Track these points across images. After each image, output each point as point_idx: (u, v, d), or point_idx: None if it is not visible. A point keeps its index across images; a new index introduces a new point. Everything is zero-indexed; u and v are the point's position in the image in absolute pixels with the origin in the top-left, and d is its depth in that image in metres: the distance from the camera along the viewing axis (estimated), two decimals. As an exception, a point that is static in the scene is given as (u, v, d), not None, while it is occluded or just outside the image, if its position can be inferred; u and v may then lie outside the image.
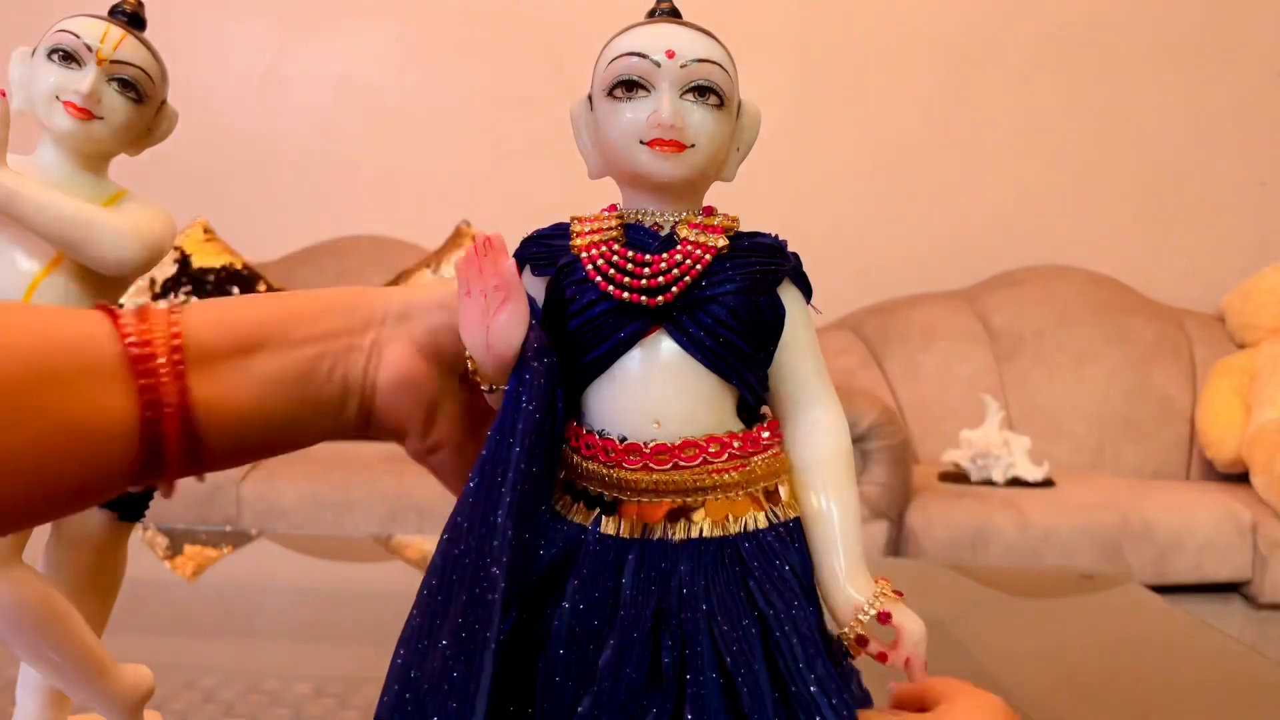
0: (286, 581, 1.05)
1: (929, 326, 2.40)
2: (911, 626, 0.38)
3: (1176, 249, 2.58)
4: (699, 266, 0.38)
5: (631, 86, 0.38)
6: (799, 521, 0.40)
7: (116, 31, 0.49)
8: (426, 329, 0.42)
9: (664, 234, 0.39)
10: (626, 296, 0.38)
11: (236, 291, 2.23)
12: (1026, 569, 1.66)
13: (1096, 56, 2.57)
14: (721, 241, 0.39)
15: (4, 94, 0.48)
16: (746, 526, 0.39)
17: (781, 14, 2.53)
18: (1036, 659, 0.82)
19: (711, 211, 0.40)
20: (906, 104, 2.58)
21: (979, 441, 2.04)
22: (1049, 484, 2.02)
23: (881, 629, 0.38)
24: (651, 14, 0.40)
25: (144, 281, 2.19)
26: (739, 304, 0.38)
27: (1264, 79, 2.57)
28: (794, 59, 2.53)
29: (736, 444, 0.39)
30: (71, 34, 0.48)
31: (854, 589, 0.38)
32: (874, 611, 0.38)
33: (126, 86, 0.49)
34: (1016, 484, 2.01)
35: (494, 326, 0.37)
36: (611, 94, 0.38)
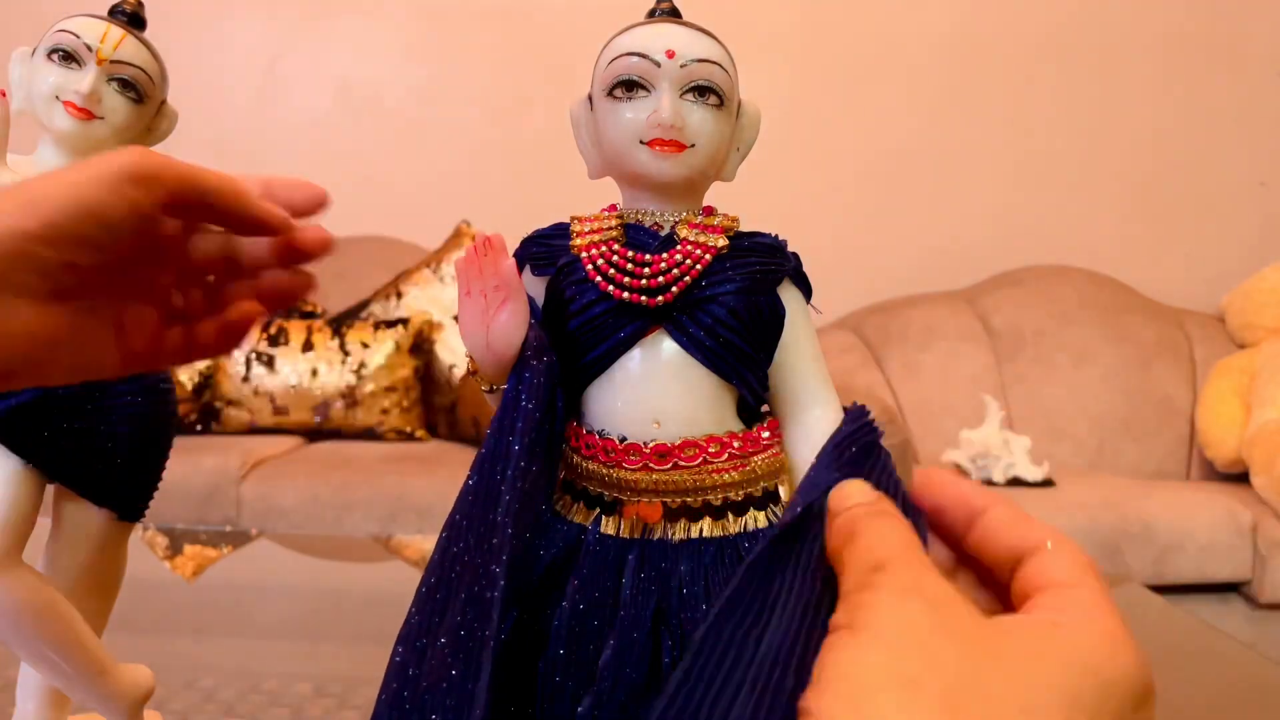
0: (286, 581, 1.05)
1: (929, 326, 2.40)
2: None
3: (1176, 249, 2.58)
4: (699, 266, 0.38)
5: (631, 86, 0.38)
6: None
7: (116, 31, 0.49)
8: (28, 262, 0.33)
9: (664, 234, 0.39)
10: (626, 296, 0.38)
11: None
12: (1026, 569, 1.65)
13: (1096, 56, 2.57)
14: (721, 241, 0.39)
15: (4, 94, 0.48)
16: (746, 526, 0.39)
17: (781, 13, 2.53)
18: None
19: (711, 211, 0.40)
20: (907, 103, 2.58)
21: (979, 441, 2.04)
22: (1049, 484, 2.02)
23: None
24: (651, 14, 0.40)
25: (144, 281, 2.19)
26: (739, 304, 0.38)
27: (1264, 79, 2.57)
28: (794, 58, 2.53)
29: (736, 444, 0.39)
30: (71, 34, 0.48)
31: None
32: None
33: (126, 86, 0.49)
34: (1016, 484, 2.01)
35: (494, 326, 0.37)
36: (611, 94, 0.38)
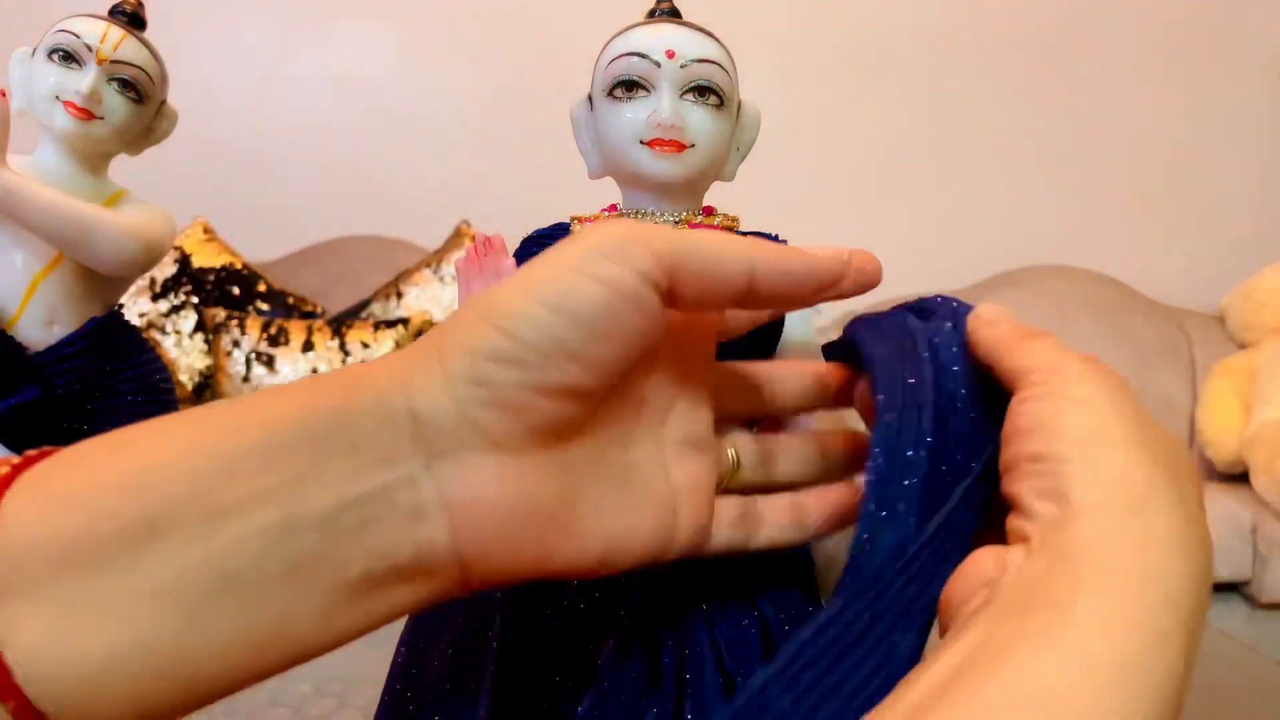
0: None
1: (929, 326, 2.40)
2: None
3: (1176, 249, 2.58)
4: (699, 266, 0.38)
5: (631, 86, 0.38)
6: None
7: (116, 32, 0.49)
8: (503, 403, 0.24)
9: (664, 234, 0.39)
10: (626, 296, 0.38)
11: (236, 291, 2.23)
12: (1026, 569, 1.66)
13: (1097, 56, 2.57)
14: (721, 241, 0.39)
15: (4, 94, 0.48)
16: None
17: (781, 13, 2.53)
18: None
19: (711, 211, 0.40)
20: (907, 103, 2.58)
21: (979, 441, 2.04)
22: (1049, 484, 2.02)
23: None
24: (651, 14, 0.40)
25: (144, 281, 2.19)
26: (739, 304, 0.38)
27: (1264, 79, 2.57)
28: (794, 58, 2.53)
29: (736, 444, 0.39)
30: (72, 34, 0.48)
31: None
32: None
33: (126, 86, 0.49)
34: (1016, 484, 2.01)
35: (494, 326, 0.37)
36: (611, 94, 0.38)
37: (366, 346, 2.13)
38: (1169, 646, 0.20)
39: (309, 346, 2.12)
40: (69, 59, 0.48)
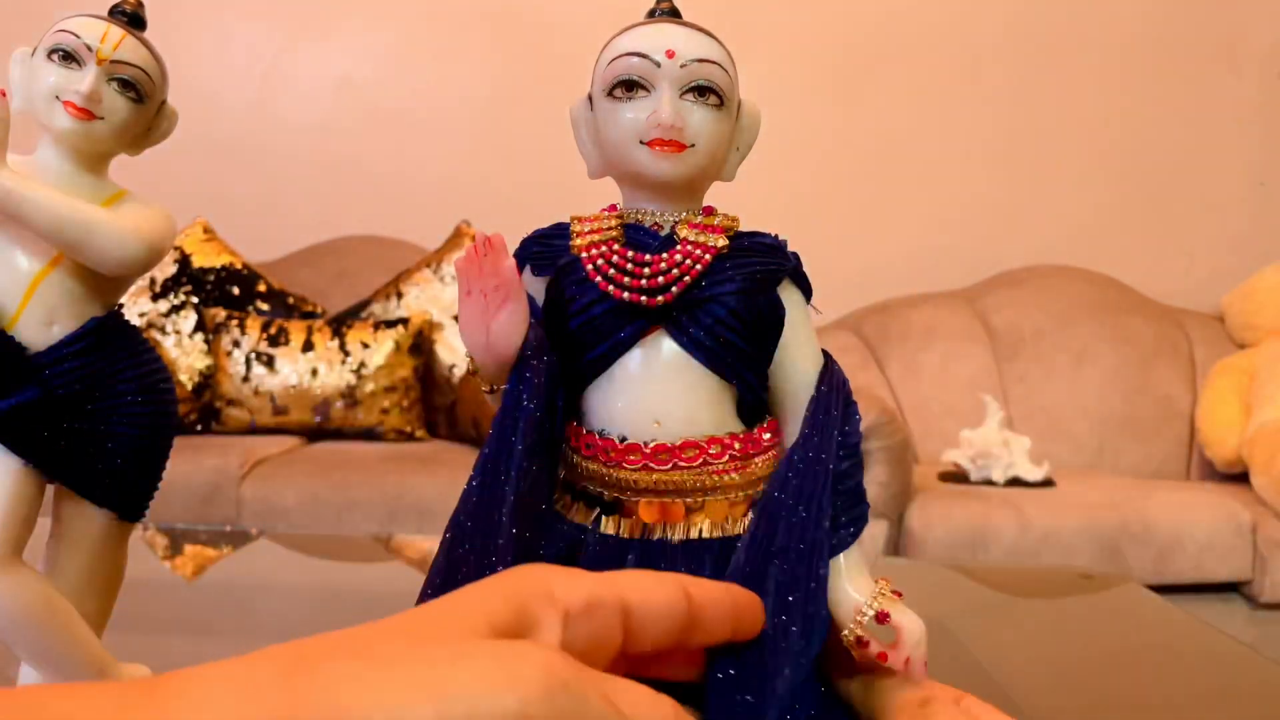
0: (286, 581, 1.05)
1: (929, 326, 2.40)
2: (911, 626, 0.38)
3: (1176, 249, 2.58)
4: (699, 266, 0.38)
5: (631, 86, 0.38)
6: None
7: (116, 31, 0.49)
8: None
9: (664, 234, 0.39)
10: (626, 296, 0.38)
11: (236, 291, 2.23)
12: (1026, 569, 1.66)
13: (1096, 56, 2.57)
14: (721, 241, 0.39)
15: (4, 94, 0.48)
16: (746, 528, 0.39)
17: (781, 14, 2.53)
18: (1036, 659, 0.82)
19: (711, 211, 0.40)
20: (906, 103, 2.58)
21: (979, 441, 2.04)
22: (1049, 484, 2.02)
23: (882, 629, 0.38)
24: (651, 14, 0.40)
25: (144, 281, 2.19)
26: (739, 304, 0.38)
27: (1263, 79, 2.57)
28: (794, 58, 2.53)
29: (737, 445, 0.39)
30: (71, 34, 0.48)
31: (854, 589, 0.38)
32: (872, 612, 0.38)
33: (126, 86, 0.49)
34: (1016, 484, 2.01)
35: (494, 326, 0.37)
36: (611, 94, 0.38)
37: (366, 346, 2.13)
38: None
39: (309, 346, 2.12)
40: (69, 59, 0.48)
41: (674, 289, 0.38)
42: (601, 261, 0.38)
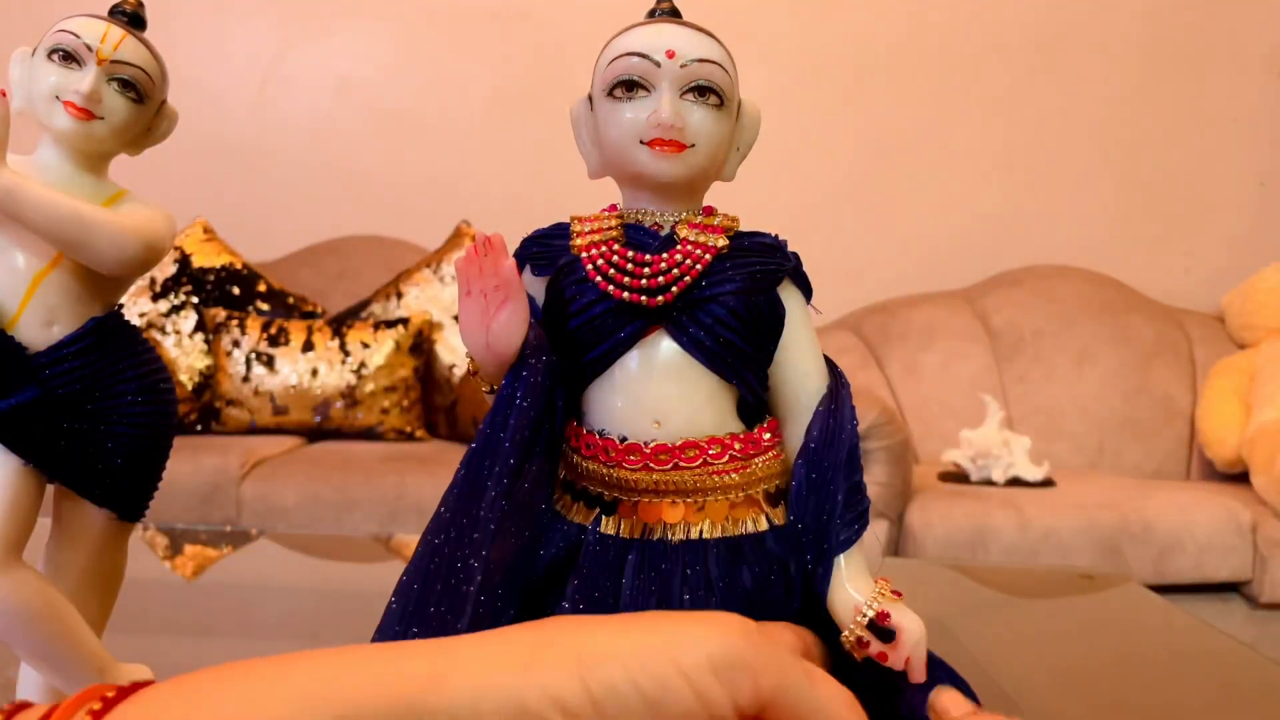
0: (286, 581, 1.05)
1: (929, 326, 2.40)
2: (911, 627, 0.38)
3: (1176, 249, 2.58)
4: (699, 266, 0.38)
5: (632, 86, 0.38)
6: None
7: (116, 31, 0.49)
8: None
9: (664, 234, 0.39)
10: (627, 296, 0.38)
11: (236, 291, 2.23)
12: (1026, 569, 1.66)
13: (1096, 56, 2.57)
14: (722, 241, 0.39)
15: (4, 94, 0.48)
16: (746, 528, 0.39)
17: (781, 13, 2.53)
18: (1036, 659, 0.82)
19: (711, 211, 0.40)
20: (906, 103, 2.58)
21: (979, 441, 2.04)
22: (1049, 484, 2.02)
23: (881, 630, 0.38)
24: (651, 14, 0.40)
25: (144, 281, 2.19)
26: (739, 304, 0.38)
27: (1263, 79, 2.57)
28: (793, 58, 2.53)
29: (737, 445, 0.39)
30: (71, 34, 0.48)
31: (854, 589, 0.38)
32: (873, 612, 0.38)
33: (126, 86, 0.49)
34: (1016, 484, 2.01)
35: (494, 326, 0.37)
36: (612, 94, 0.38)
37: (366, 346, 2.13)
38: None
39: (309, 346, 2.12)
40: (69, 59, 0.48)
41: (674, 289, 0.38)
42: (602, 261, 0.38)
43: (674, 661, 0.27)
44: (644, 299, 0.38)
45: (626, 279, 0.38)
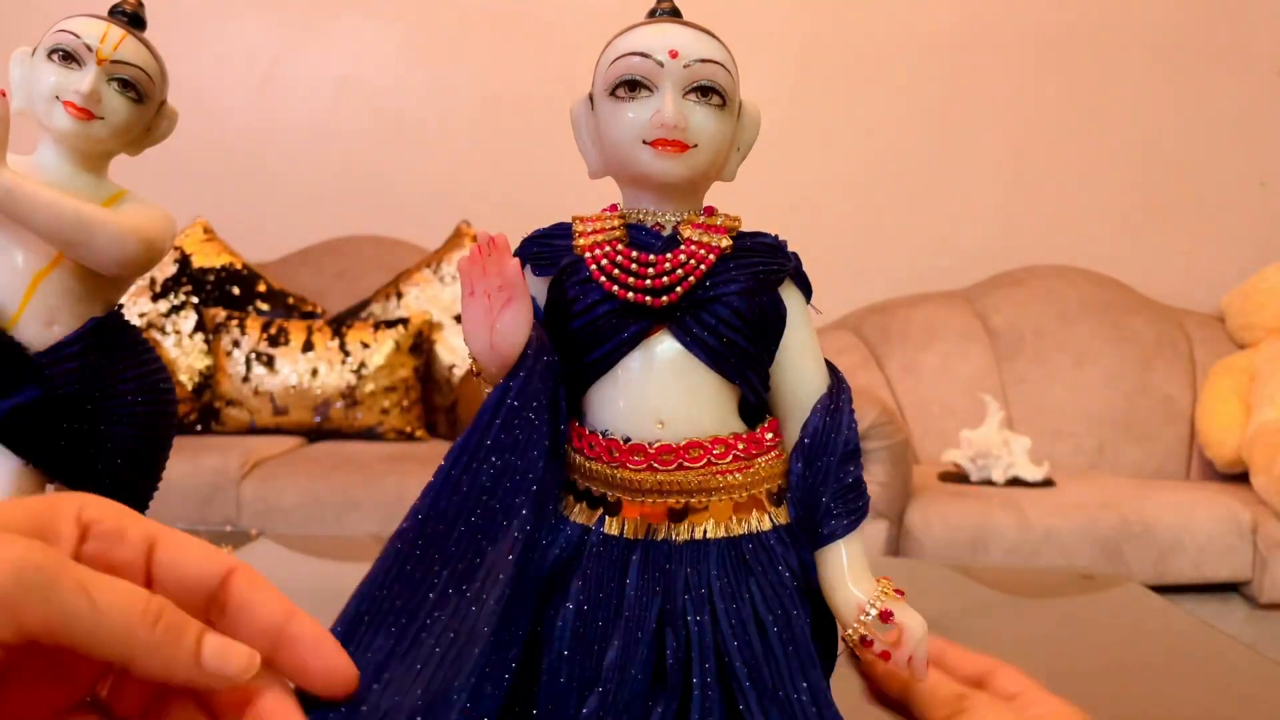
0: (286, 582, 1.05)
1: (929, 326, 2.40)
2: (913, 625, 0.38)
3: (1176, 249, 2.58)
4: (703, 267, 0.38)
5: (634, 86, 0.38)
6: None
7: (116, 31, 0.49)
8: None
9: (666, 234, 0.39)
10: (631, 297, 0.38)
11: (236, 291, 2.24)
12: (1026, 569, 1.66)
13: (1096, 56, 2.57)
14: (725, 241, 0.39)
15: (4, 94, 0.48)
16: (750, 528, 0.39)
17: (781, 14, 2.53)
18: (1036, 659, 0.82)
19: (713, 211, 0.40)
20: (906, 103, 2.58)
21: (979, 441, 2.04)
22: (1049, 484, 2.02)
23: (884, 628, 0.38)
24: (652, 14, 0.40)
25: (144, 281, 2.19)
26: (743, 304, 0.38)
27: (1264, 79, 2.57)
28: (794, 59, 2.53)
29: (741, 445, 0.39)
30: (71, 34, 0.48)
31: (856, 588, 0.38)
32: (876, 611, 0.38)
33: (126, 86, 0.49)
34: (1016, 484, 2.01)
35: (498, 327, 0.37)
36: (614, 94, 0.38)
37: (366, 346, 2.13)
38: None
39: (309, 346, 2.12)
40: (69, 59, 0.48)
41: (678, 289, 0.38)
42: (605, 262, 0.38)
43: None
44: (648, 299, 0.38)
45: (630, 279, 0.38)
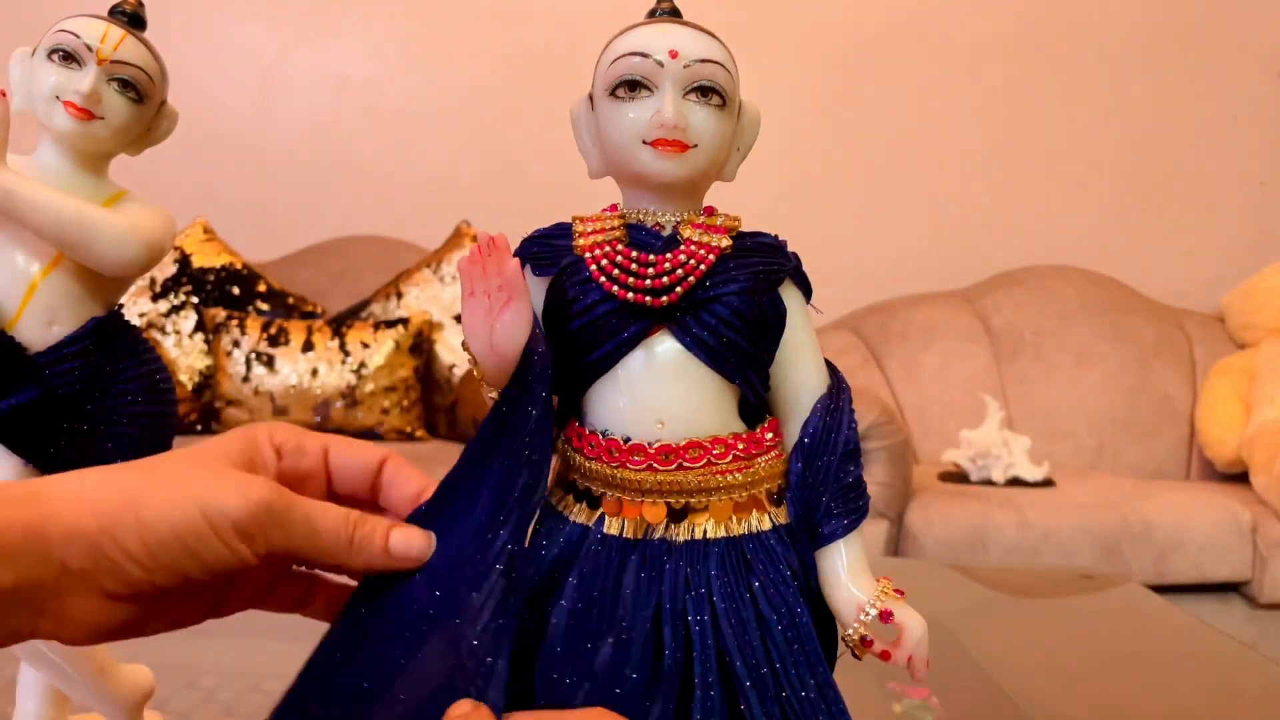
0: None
1: (929, 326, 2.40)
2: (913, 625, 0.38)
3: (1176, 249, 2.58)
4: (703, 267, 0.38)
5: (634, 86, 0.38)
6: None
7: (116, 31, 0.49)
8: (118, 574, 0.35)
9: (666, 234, 0.39)
10: (631, 297, 0.38)
11: (236, 291, 2.24)
12: (1026, 569, 1.66)
13: (1097, 56, 2.57)
14: (725, 241, 0.39)
15: (4, 94, 0.48)
16: (750, 528, 0.39)
17: (781, 14, 2.53)
18: (1036, 659, 0.82)
19: (713, 211, 0.40)
20: (906, 103, 2.57)
21: (979, 441, 2.04)
22: (1049, 484, 2.02)
23: (884, 628, 0.38)
24: (652, 13, 0.40)
25: (144, 281, 2.19)
26: (743, 304, 0.38)
27: (1263, 79, 2.57)
28: (793, 59, 2.53)
29: (741, 445, 0.39)
30: (71, 34, 0.48)
31: (856, 588, 0.38)
32: (876, 611, 0.38)
33: (126, 86, 0.49)
34: (1016, 484, 2.01)
35: (498, 327, 0.37)
36: (614, 94, 0.38)
37: (366, 346, 2.13)
38: None
39: (309, 346, 2.12)
40: (69, 59, 0.48)
41: (679, 289, 0.38)
42: (605, 262, 0.38)
43: (207, 520, 0.34)
44: (648, 299, 0.38)
45: (631, 279, 0.38)
